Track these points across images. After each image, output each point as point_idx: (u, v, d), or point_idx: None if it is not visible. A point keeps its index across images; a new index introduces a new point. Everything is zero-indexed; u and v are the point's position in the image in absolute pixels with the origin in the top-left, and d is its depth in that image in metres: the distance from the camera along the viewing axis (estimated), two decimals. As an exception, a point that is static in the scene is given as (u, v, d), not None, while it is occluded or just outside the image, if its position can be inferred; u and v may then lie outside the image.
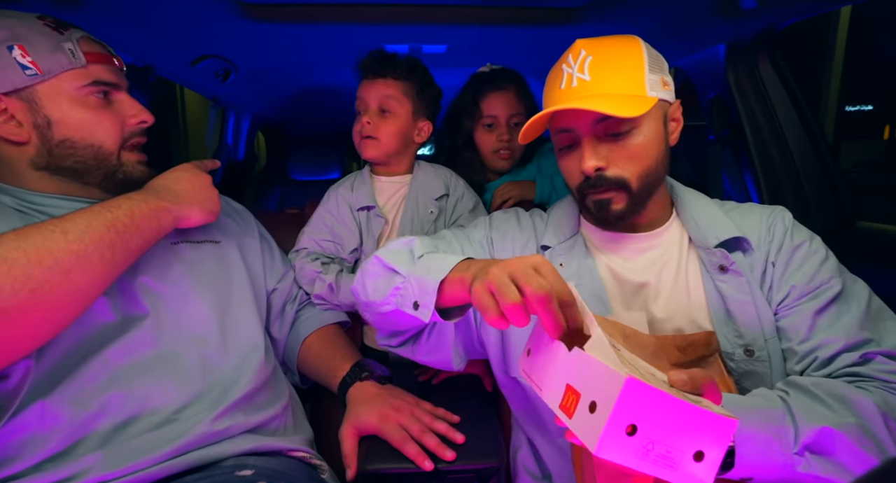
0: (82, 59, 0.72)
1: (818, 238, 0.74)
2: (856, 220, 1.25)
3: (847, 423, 0.55)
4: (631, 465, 0.41)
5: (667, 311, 0.72)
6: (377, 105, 1.06)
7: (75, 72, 0.71)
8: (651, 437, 0.41)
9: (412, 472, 0.73)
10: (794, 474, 0.54)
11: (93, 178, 0.75)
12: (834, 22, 4.12)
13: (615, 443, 0.41)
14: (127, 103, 0.77)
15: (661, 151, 0.72)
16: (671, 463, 0.41)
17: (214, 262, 0.84)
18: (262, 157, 2.94)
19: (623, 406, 0.40)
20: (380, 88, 1.05)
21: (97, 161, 0.74)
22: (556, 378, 0.50)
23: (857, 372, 0.63)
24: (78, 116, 0.72)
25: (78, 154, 0.73)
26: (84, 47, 0.73)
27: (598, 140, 0.70)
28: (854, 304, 0.68)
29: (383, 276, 0.70)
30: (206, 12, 1.11)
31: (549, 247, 0.79)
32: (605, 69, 0.68)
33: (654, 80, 0.69)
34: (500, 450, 0.78)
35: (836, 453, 0.54)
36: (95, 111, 0.73)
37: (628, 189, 0.70)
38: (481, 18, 1.17)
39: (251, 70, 1.66)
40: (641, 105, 0.66)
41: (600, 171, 0.70)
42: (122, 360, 0.69)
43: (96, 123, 0.73)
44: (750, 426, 0.54)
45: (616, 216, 0.72)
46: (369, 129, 1.06)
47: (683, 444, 0.41)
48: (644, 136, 0.69)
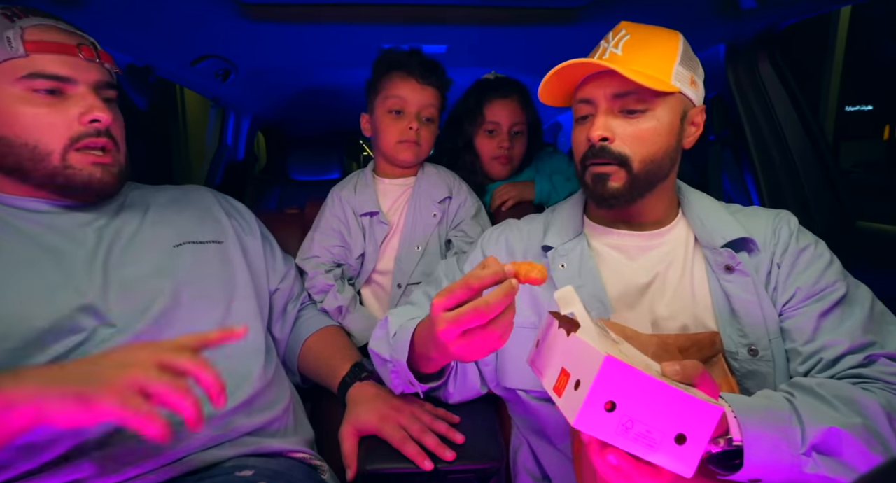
0: (20, 49, 0.64)
1: (823, 242, 0.75)
2: (856, 221, 1.25)
3: (854, 424, 0.55)
4: (610, 440, 0.43)
5: (671, 309, 0.73)
6: (420, 111, 1.04)
7: (12, 63, 0.65)
8: (630, 415, 0.43)
9: (412, 472, 0.73)
10: (802, 475, 0.54)
11: (34, 180, 0.69)
12: (834, 22, 4.12)
13: (593, 417, 0.43)
14: (82, 100, 0.69)
15: (671, 145, 0.72)
16: (651, 443, 0.43)
17: (218, 264, 0.83)
18: (262, 157, 2.94)
19: (601, 382, 0.42)
20: (427, 96, 1.04)
21: (34, 161, 0.67)
22: (553, 363, 0.52)
23: (861, 374, 0.63)
24: (11, 112, 0.65)
25: (15, 153, 0.67)
26: (31, 36, 0.65)
27: (613, 115, 0.71)
28: (858, 308, 0.68)
29: (381, 365, 0.77)
30: (206, 12, 1.11)
31: (552, 247, 0.79)
32: (639, 48, 0.71)
33: (682, 73, 0.71)
34: (500, 450, 0.78)
35: (844, 453, 0.54)
36: (33, 107, 0.66)
37: (628, 167, 0.71)
38: (481, 18, 1.17)
39: (251, 70, 1.66)
40: (660, 86, 0.68)
41: (605, 141, 0.71)
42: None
43: (32, 120, 0.66)
44: (758, 426, 0.54)
45: (611, 193, 0.72)
46: (415, 136, 1.04)
47: (664, 425, 0.43)
48: (657, 121, 0.70)
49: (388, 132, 1.04)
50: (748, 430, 0.53)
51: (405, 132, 1.03)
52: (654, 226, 0.78)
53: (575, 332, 0.50)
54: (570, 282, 0.75)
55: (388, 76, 1.04)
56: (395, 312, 0.80)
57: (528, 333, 0.76)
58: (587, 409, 0.43)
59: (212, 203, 0.92)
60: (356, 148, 7.98)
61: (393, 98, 1.03)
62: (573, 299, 0.54)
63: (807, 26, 1.30)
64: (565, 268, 0.76)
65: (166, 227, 0.81)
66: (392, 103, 1.03)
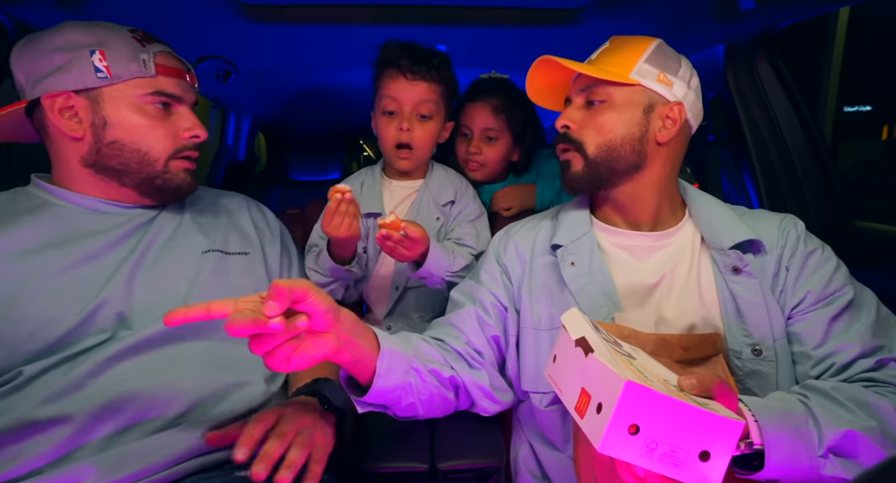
0: (152, 70, 0.77)
1: (829, 247, 0.76)
2: (855, 221, 1.26)
3: (870, 427, 0.56)
4: (636, 462, 0.43)
5: (678, 309, 0.74)
6: (414, 109, 0.99)
7: (142, 80, 0.76)
8: (654, 437, 0.43)
9: (412, 472, 0.74)
10: (819, 476, 0.54)
11: (130, 180, 0.79)
12: (833, 22, 4.13)
13: (618, 441, 0.43)
14: (185, 117, 0.81)
15: (633, 135, 0.76)
16: (676, 462, 0.43)
17: (240, 275, 0.84)
18: (263, 157, 2.94)
19: (624, 407, 0.43)
20: (419, 92, 0.98)
21: (140, 165, 0.78)
22: (572, 381, 0.52)
23: (872, 377, 0.65)
24: (133, 121, 0.77)
25: (124, 156, 0.77)
26: (158, 60, 0.78)
27: (578, 108, 0.79)
28: (865, 312, 0.69)
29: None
30: (207, 13, 1.11)
31: (561, 245, 0.80)
32: (609, 52, 0.78)
33: (646, 69, 0.74)
34: (500, 449, 0.78)
35: (860, 456, 0.55)
36: (151, 119, 0.78)
37: (583, 152, 0.77)
38: (481, 18, 1.17)
39: (251, 71, 1.66)
40: (613, 77, 0.74)
41: (566, 129, 0.79)
42: (126, 361, 0.69)
43: (149, 130, 0.77)
44: (777, 429, 0.54)
45: (573, 177, 0.79)
46: (406, 137, 1.00)
47: (687, 444, 0.43)
48: (615, 112, 0.76)
49: (383, 134, 1.02)
50: (768, 433, 0.53)
51: (399, 134, 1.00)
52: (662, 227, 0.79)
53: (592, 352, 0.50)
54: (579, 278, 0.76)
55: (381, 74, 1.01)
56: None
57: (545, 336, 0.77)
58: (611, 434, 0.43)
59: (243, 213, 0.94)
60: (356, 148, 7.99)
61: (386, 98, 1.00)
62: (579, 321, 0.54)
63: (806, 26, 1.30)
64: (575, 265, 0.77)
65: (198, 234, 0.84)
66: (385, 103, 1.00)
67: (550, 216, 0.88)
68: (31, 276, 0.69)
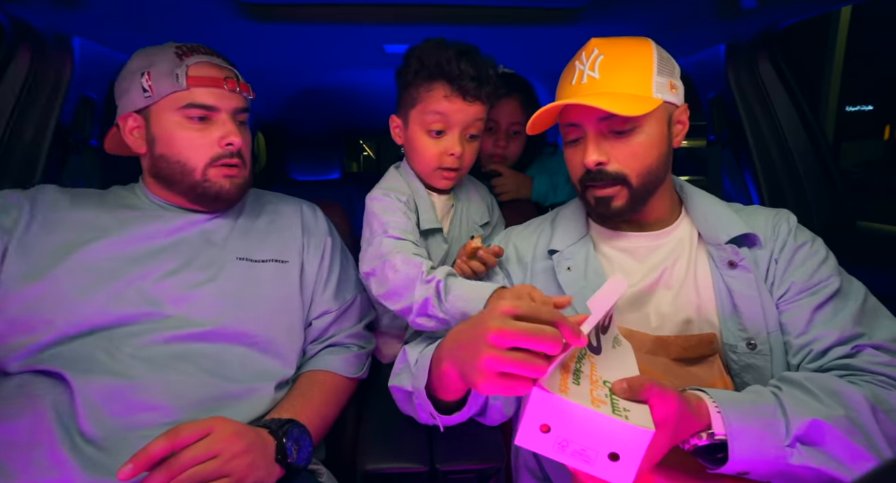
0: (184, 83, 0.79)
1: (820, 240, 0.76)
2: (856, 220, 1.25)
3: (836, 415, 0.57)
4: (551, 456, 0.48)
5: (676, 305, 0.74)
6: (465, 129, 0.88)
7: (177, 94, 0.79)
8: (564, 436, 0.48)
9: (412, 472, 0.74)
10: (788, 466, 0.55)
11: (178, 189, 0.83)
12: (834, 22, 4.12)
13: (532, 437, 0.48)
14: (221, 125, 0.82)
15: (663, 152, 0.74)
16: (587, 459, 0.48)
17: (270, 283, 0.84)
18: (263, 157, 2.95)
19: (533, 410, 0.48)
20: (475, 112, 0.87)
21: (182, 175, 0.82)
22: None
23: (848, 364, 0.65)
24: (172, 134, 0.81)
25: (170, 167, 0.82)
26: (192, 72, 0.80)
27: (603, 136, 0.73)
28: (851, 301, 0.70)
29: (405, 400, 0.74)
30: (206, 12, 1.11)
31: (558, 250, 0.80)
32: (615, 68, 0.71)
33: (661, 82, 0.72)
34: (500, 450, 0.78)
35: (827, 444, 0.56)
36: (187, 131, 0.81)
37: (628, 185, 0.73)
38: (482, 18, 1.17)
39: (251, 70, 1.65)
40: (645, 105, 0.69)
41: (601, 165, 0.73)
42: (129, 359, 0.70)
43: (186, 142, 0.81)
44: (741, 420, 0.55)
45: (615, 212, 0.75)
46: (455, 162, 0.88)
47: (596, 445, 0.47)
48: (647, 135, 0.72)
49: (425, 155, 0.89)
50: (732, 424, 0.54)
51: (446, 159, 0.88)
52: (659, 225, 0.79)
53: None
54: (575, 283, 0.76)
55: (428, 86, 0.86)
56: (411, 345, 0.78)
57: None
58: (525, 431, 0.48)
59: (296, 220, 0.94)
60: (356, 148, 7.99)
61: (433, 115, 0.86)
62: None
63: (807, 26, 1.30)
64: (571, 270, 0.77)
65: (240, 240, 0.86)
66: (432, 122, 0.87)
67: (550, 220, 0.88)
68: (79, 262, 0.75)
